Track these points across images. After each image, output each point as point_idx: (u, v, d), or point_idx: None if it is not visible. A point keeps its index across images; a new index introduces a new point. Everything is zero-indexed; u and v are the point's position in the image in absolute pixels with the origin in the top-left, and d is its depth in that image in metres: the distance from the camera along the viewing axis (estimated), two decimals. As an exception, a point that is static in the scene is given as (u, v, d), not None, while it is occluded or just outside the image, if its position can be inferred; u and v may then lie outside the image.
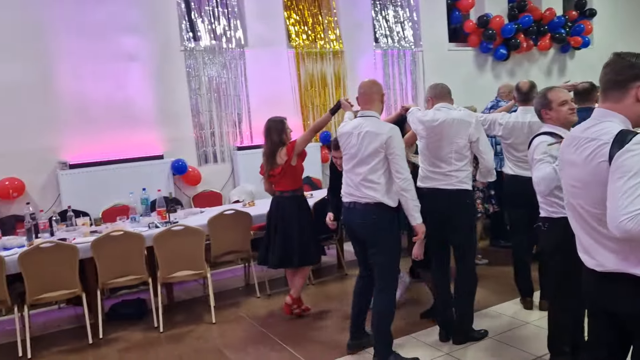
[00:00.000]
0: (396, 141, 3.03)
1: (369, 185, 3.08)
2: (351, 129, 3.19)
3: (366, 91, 3.19)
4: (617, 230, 1.62)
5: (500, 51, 8.02)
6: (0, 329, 4.40)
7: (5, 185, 4.94)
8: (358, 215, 3.14)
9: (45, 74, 5.20)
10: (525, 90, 3.84)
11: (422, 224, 3.07)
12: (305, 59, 6.63)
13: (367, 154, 3.07)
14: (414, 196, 3.04)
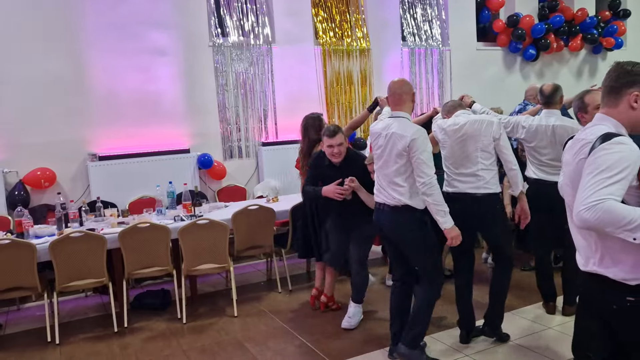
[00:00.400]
0: (419, 144, 2.98)
1: (394, 187, 3.08)
2: (381, 129, 3.19)
3: (396, 91, 3.16)
4: (576, 220, 1.70)
5: (529, 51, 7.91)
6: (30, 315, 4.55)
7: (37, 175, 5.08)
8: (387, 217, 3.14)
9: (78, 68, 5.33)
10: (548, 93, 3.78)
11: (452, 227, 3.02)
12: (332, 56, 6.64)
13: (392, 156, 3.07)
14: (438, 200, 2.97)
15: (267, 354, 3.54)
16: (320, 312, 4.17)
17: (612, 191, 1.66)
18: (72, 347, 3.82)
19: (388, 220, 3.14)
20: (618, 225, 1.63)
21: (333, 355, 3.44)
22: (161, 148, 5.63)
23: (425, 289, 3.20)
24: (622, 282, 1.77)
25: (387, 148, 3.10)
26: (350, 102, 6.75)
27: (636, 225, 1.62)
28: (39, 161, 5.14)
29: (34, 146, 5.16)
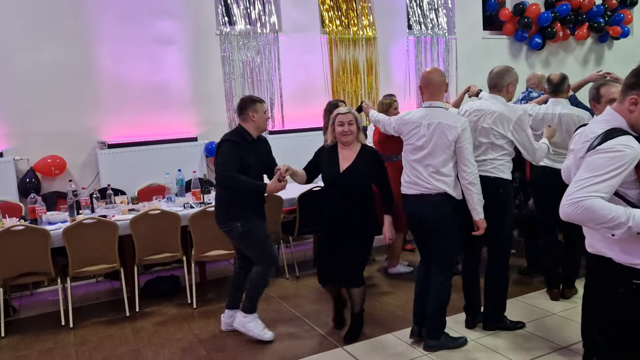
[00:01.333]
0: (468, 134, 3.09)
1: (439, 177, 3.11)
2: (419, 118, 3.19)
3: (433, 81, 3.19)
4: (560, 213, 1.83)
5: (535, 40, 7.89)
6: (43, 299, 4.64)
7: (48, 162, 5.15)
8: (429, 206, 3.14)
9: (87, 57, 5.37)
10: (556, 82, 3.82)
11: (484, 219, 3.12)
12: (338, 45, 6.65)
13: (440, 146, 3.10)
14: (480, 190, 3.09)
15: (278, 338, 3.61)
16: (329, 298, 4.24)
17: (598, 189, 1.75)
18: (85, 331, 3.91)
19: (430, 209, 3.14)
20: (597, 222, 1.75)
21: (342, 340, 3.51)
22: (169, 136, 5.68)
23: (442, 279, 3.26)
24: (627, 266, 1.82)
25: (433, 138, 3.11)
26: (356, 91, 6.78)
27: (615, 224, 1.72)
28: (49, 149, 5.20)
29: (45, 134, 5.22)
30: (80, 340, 3.75)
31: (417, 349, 3.33)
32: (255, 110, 3.52)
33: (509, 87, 3.35)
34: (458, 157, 3.10)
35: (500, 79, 3.36)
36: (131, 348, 3.58)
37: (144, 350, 3.54)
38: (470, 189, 3.09)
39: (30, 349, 3.64)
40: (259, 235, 3.52)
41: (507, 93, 3.36)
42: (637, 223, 1.70)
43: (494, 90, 3.40)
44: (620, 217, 1.71)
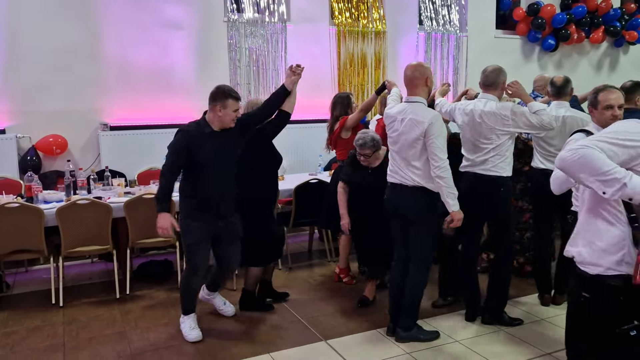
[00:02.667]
0: (436, 129, 3.07)
1: (412, 170, 3.17)
2: (396, 113, 3.27)
3: (412, 75, 3.19)
4: (556, 160, 1.76)
5: (548, 41, 7.77)
6: (37, 277, 4.69)
7: (50, 141, 5.18)
8: (406, 197, 3.23)
9: (92, 38, 5.38)
10: (559, 84, 3.77)
11: (459, 210, 3.13)
12: (347, 37, 6.60)
13: (409, 141, 3.14)
14: (449, 183, 3.10)
15: (260, 327, 3.62)
16: (320, 291, 4.24)
17: (603, 146, 1.64)
18: (75, 310, 3.94)
19: (406, 199, 3.23)
20: (592, 172, 1.62)
21: (326, 333, 3.51)
22: (172, 121, 5.68)
23: (421, 272, 3.31)
24: (583, 270, 1.80)
25: (404, 133, 3.16)
26: (362, 85, 6.73)
27: (610, 179, 1.60)
28: (51, 128, 5.24)
29: (47, 113, 5.25)
30: (69, 319, 3.78)
31: (399, 346, 3.31)
32: (224, 106, 3.27)
33: (503, 86, 3.43)
34: (428, 151, 3.10)
35: (497, 77, 3.40)
36: (117, 330, 3.61)
37: (130, 332, 3.56)
38: (439, 182, 3.10)
39: (18, 326, 3.68)
40: (187, 238, 3.37)
41: (500, 91, 3.43)
42: (634, 185, 1.58)
43: (489, 89, 3.39)
44: (617, 173, 1.59)
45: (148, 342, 3.43)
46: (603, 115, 2.85)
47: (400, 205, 3.27)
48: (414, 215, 3.23)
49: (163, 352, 3.28)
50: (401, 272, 3.41)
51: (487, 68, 3.43)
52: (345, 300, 4.05)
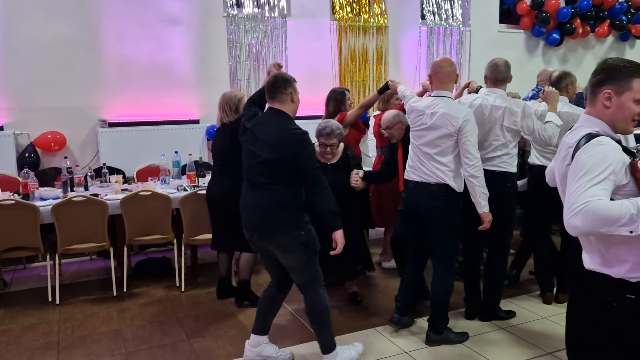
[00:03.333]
0: (471, 126, 3.01)
1: (438, 166, 3.07)
2: (424, 107, 3.16)
3: (443, 70, 3.14)
4: (568, 228, 1.63)
5: (553, 36, 7.67)
6: (35, 274, 4.67)
7: (48, 138, 5.15)
8: (426, 195, 3.11)
9: (92, 34, 5.33)
10: (553, 80, 3.73)
11: (489, 212, 3.06)
12: (348, 32, 6.53)
13: (438, 136, 3.05)
14: (482, 183, 3.03)
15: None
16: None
17: (595, 192, 1.60)
18: (71, 308, 3.91)
19: (428, 198, 3.10)
20: (610, 223, 1.56)
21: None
22: (171, 117, 5.64)
23: (447, 274, 3.23)
24: (623, 280, 1.72)
25: (433, 128, 3.07)
26: (364, 80, 6.66)
27: (627, 220, 1.55)
28: (50, 125, 5.20)
29: (46, 110, 5.22)
30: (65, 317, 3.76)
31: (397, 345, 3.26)
32: (295, 90, 2.91)
33: (510, 80, 3.39)
34: (460, 148, 3.04)
35: (508, 71, 3.38)
36: (113, 328, 3.58)
37: (125, 330, 3.53)
38: (472, 181, 3.03)
39: (14, 324, 3.66)
40: (314, 248, 2.82)
41: (507, 85, 3.39)
42: None
43: (499, 84, 3.35)
44: (628, 210, 1.54)
45: (143, 340, 3.39)
46: None
47: (421, 204, 3.14)
48: (435, 216, 3.12)
49: (157, 351, 3.24)
50: (413, 274, 3.37)
51: (498, 62, 3.35)
52: (343, 298, 3.99)
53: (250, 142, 2.80)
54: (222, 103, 3.83)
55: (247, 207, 2.83)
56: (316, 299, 2.85)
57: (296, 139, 2.66)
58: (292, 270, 2.84)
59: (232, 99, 3.80)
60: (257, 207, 2.76)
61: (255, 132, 2.77)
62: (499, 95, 3.32)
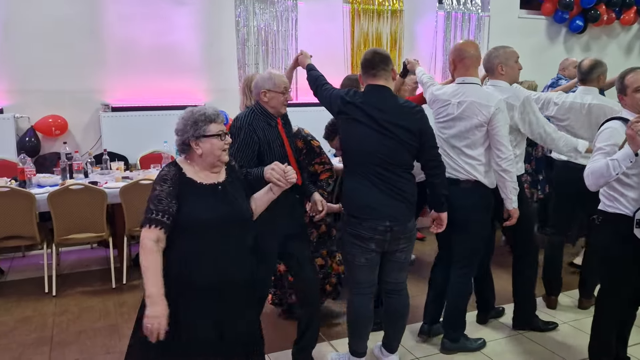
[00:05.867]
0: (503, 115, 2.75)
1: (467, 160, 2.82)
2: (449, 96, 2.88)
3: (468, 55, 2.85)
4: None
5: (576, 22, 7.33)
6: (34, 262, 4.54)
7: (49, 122, 4.98)
8: (456, 193, 2.80)
9: (93, 14, 5.13)
10: (584, 69, 3.41)
11: (517, 208, 2.85)
12: (361, 16, 6.26)
13: (468, 127, 2.79)
14: (514, 178, 2.80)
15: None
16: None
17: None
18: (67, 300, 3.77)
19: (457, 197, 2.79)
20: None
21: (330, 333, 3.29)
22: (176, 102, 5.44)
23: (466, 278, 3.02)
24: None
25: (462, 118, 2.80)
26: (377, 66, 6.40)
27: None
28: (51, 108, 5.03)
29: (47, 93, 5.04)
30: (60, 309, 3.61)
31: (410, 352, 3.07)
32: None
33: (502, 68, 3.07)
34: (491, 140, 2.78)
35: (507, 59, 3.06)
36: (110, 323, 3.43)
37: (122, 326, 3.38)
38: (503, 176, 2.79)
39: (8, 315, 3.52)
40: None
41: (502, 75, 3.07)
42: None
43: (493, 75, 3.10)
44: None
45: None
46: (634, 98, 2.53)
47: (450, 203, 2.78)
48: (464, 215, 2.83)
49: (154, 350, 3.08)
50: (443, 275, 3.12)
51: (499, 50, 3.09)
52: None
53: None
54: (244, 86, 3.63)
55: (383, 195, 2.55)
56: (407, 296, 2.78)
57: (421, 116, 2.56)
58: (403, 267, 2.72)
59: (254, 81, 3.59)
60: (399, 194, 2.55)
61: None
62: (501, 87, 3.06)
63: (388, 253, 2.65)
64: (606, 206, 2.52)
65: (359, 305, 2.70)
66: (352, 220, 2.58)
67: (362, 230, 2.55)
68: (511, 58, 3.08)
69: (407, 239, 2.63)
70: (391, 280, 2.73)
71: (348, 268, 2.72)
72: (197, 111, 2.07)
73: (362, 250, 2.58)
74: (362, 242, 2.56)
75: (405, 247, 2.66)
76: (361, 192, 2.55)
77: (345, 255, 2.69)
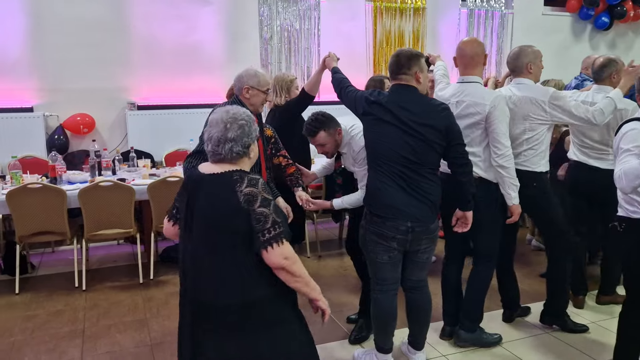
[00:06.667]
0: (499, 112, 2.75)
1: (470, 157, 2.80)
2: (450, 96, 2.92)
3: (468, 53, 2.85)
4: None
5: (602, 19, 7.22)
6: (64, 258, 4.63)
7: (77, 120, 5.08)
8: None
9: (121, 14, 5.22)
10: (595, 68, 3.32)
11: (519, 205, 2.85)
12: (384, 13, 6.26)
13: (466, 126, 2.81)
14: (512, 173, 2.80)
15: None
16: (351, 284, 4.03)
17: None
18: (97, 294, 3.85)
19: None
20: None
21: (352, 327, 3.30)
22: (201, 100, 5.50)
23: (484, 271, 3.03)
24: None
25: (460, 117, 2.81)
26: (399, 64, 6.39)
27: None
28: (79, 107, 5.13)
29: (75, 91, 5.14)
30: (91, 304, 3.69)
31: (435, 349, 3.07)
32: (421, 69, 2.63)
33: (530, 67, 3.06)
34: (489, 137, 2.80)
35: (535, 58, 3.06)
36: (138, 317, 3.49)
37: (150, 320, 3.44)
38: (501, 172, 2.80)
39: (40, 309, 3.61)
40: None
41: (530, 74, 3.06)
42: None
43: (518, 74, 3.08)
44: None
45: (168, 331, 3.28)
46: None
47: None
48: (474, 212, 2.78)
49: (183, 344, 3.13)
50: (456, 270, 3.14)
51: (525, 48, 3.07)
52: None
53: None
54: (273, 84, 3.67)
55: (407, 196, 2.55)
56: (429, 293, 2.81)
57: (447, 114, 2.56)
58: (425, 267, 2.74)
59: (284, 79, 3.66)
60: (423, 195, 2.56)
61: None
62: (525, 85, 3.05)
63: (410, 253, 2.67)
64: (630, 212, 2.43)
65: (382, 302, 2.72)
66: (375, 219, 2.60)
67: (385, 229, 2.57)
68: (538, 57, 3.10)
69: (429, 239, 2.65)
70: (413, 278, 2.75)
71: (371, 265, 2.74)
72: (242, 111, 1.92)
73: (384, 248, 2.61)
74: (384, 240, 2.59)
75: (427, 247, 2.68)
76: (385, 192, 2.56)
77: (368, 253, 2.70)
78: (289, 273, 1.83)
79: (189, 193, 1.91)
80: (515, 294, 3.39)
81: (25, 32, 4.96)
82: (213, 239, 1.83)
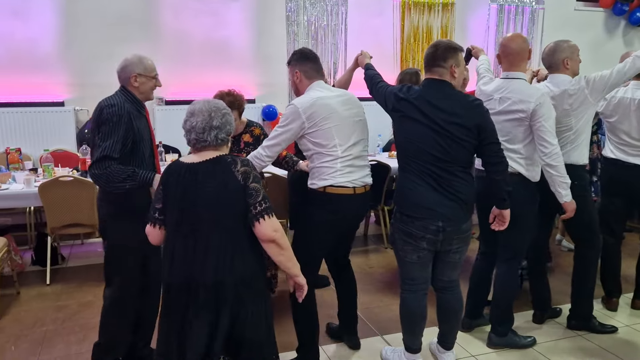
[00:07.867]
0: (545, 110, 2.69)
1: (509, 154, 2.75)
2: (493, 90, 2.87)
3: (515, 49, 2.80)
4: None
5: (636, 14, 7.03)
6: (92, 250, 4.72)
7: (107, 115, 5.14)
8: None
9: (150, 10, 5.27)
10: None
11: (572, 201, 2.78)
12: (412, 9, 6.20)
13: (510, 123, 2.77)
14: (562, 171, 2.73)
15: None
16: (378, 281, 4.00)
17: None
18: (125, 287, 3.88)
19: None
20: None
21: (381, 327, 3.27)
22: (227, 96, 5.53)
23: (513, 272, 2.98)
24: None
25: (503, 113, 2.77)
26: (427, 61, 6.32)
27: None
28: (108, 101, 5.19)
29: (104, 86, 5.13)
30: (119, 296, 3.73)
31: (464, 349, 3.02)
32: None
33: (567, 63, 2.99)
34: (534, 135, 2.73)
35: (572, 53, 2.99)
36: (166, 310, 3.51)
37: (178, 314, 3.46)
38: (549, 170, 2.73)
39: (71, 300, 3.67)
40: None
41: (567, 69, 2.99)
42: None
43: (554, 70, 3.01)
44: None
45: (196, 325, 3.30)
46: None
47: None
48: (511, 209, 2.73)
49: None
50: (484, 268, 3.11)
51: (562, 43, 2.99)
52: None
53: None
54: None
55: (437, 195, 2.50)
56: (460, 293, 2.76)
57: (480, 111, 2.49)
58: (456, 266, 2.67)
59: None
60: (454, 194, 2.49)
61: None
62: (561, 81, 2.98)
63: (441, 253, 2.61)
64: None
65: (411, 301, 2.68)
66: (404, 218, 2.55)
67: (414, 229, 2.52)
68: (575, 52, 3.03)
69: (460, 239, 2.58)
70: (445, 278, 2.70)
71: (400, 264, 2.70)
72: (221, 102, 2.04)
73: (413, 247, 2.56)
74: (413, 240, 2.54)
75: (459, 247, 2.61)
76: (414, 191, 2.51)
77: (397, 251, 2.66)
78: (278, 245, 1.95)
79: (185, 185, 1.95)
80: (547, 295, 3.33)
81: (56, 28, 5.04)
82: (215, 221, 1.92)
